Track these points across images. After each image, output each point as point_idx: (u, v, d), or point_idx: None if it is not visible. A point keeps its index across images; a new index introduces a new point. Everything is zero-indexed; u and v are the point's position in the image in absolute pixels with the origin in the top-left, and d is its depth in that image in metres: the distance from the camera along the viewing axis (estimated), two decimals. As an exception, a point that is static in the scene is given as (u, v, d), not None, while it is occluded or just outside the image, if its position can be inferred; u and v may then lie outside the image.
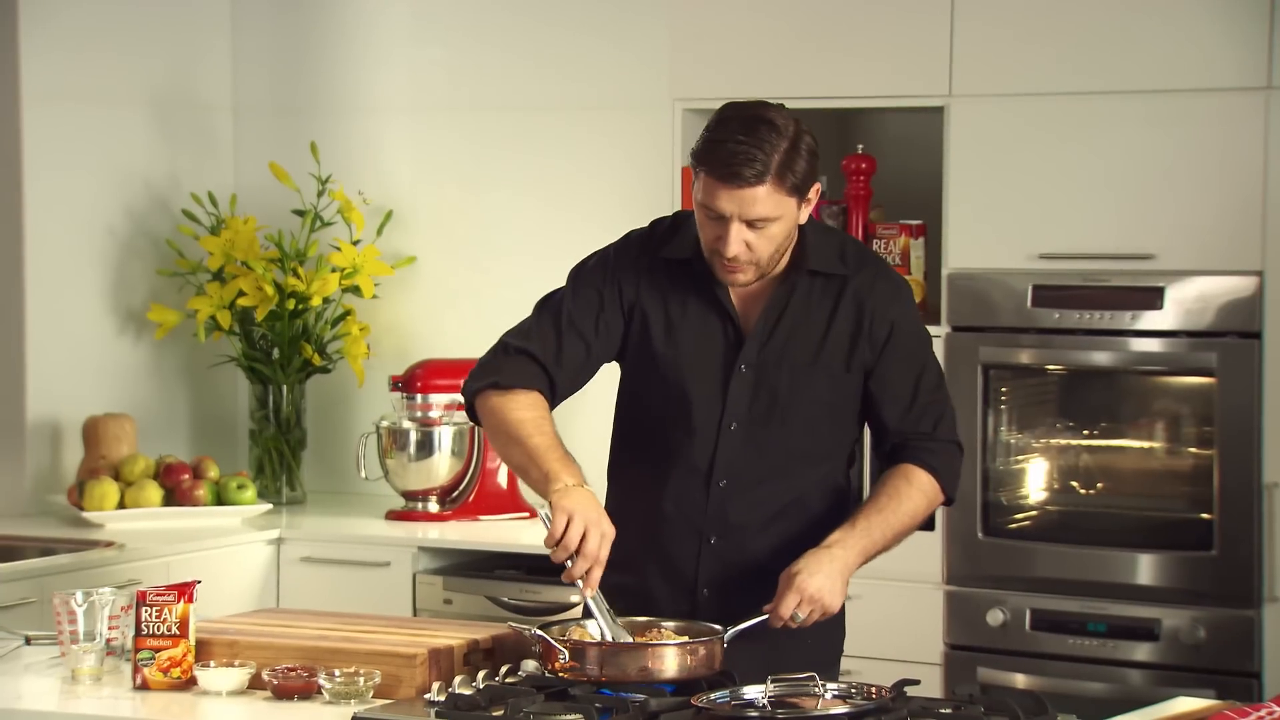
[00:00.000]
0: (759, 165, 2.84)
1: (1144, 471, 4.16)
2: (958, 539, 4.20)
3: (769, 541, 3.00)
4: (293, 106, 5.43)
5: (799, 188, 2.89)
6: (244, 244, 5.12)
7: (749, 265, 2.93)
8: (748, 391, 2.99)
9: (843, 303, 3.00)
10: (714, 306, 3.01)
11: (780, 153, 2.86)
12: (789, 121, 2.90)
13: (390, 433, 4.94)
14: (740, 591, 2.98)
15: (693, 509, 3.01)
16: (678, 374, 3.01)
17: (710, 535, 3.01)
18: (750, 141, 2.85)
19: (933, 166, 4.26)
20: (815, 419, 3.01)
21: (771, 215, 2.88)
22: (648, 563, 3.04)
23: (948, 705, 2.73)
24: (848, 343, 3.00)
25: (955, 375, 4.18)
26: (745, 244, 2.90)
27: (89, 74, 5.13)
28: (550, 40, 5.11)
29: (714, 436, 3.00)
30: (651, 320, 3.03)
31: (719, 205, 2.87)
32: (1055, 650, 4.11)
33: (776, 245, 2.93)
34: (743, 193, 2.85)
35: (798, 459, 3.02)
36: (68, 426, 5.04)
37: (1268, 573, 3.94)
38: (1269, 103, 3.93)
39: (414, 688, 2.84)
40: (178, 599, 2.95)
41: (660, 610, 2.97)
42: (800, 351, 2.99)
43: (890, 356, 3.01)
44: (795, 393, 2.99)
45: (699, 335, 3.01)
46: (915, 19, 4.23)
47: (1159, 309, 4.02)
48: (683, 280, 3.01)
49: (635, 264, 3.04)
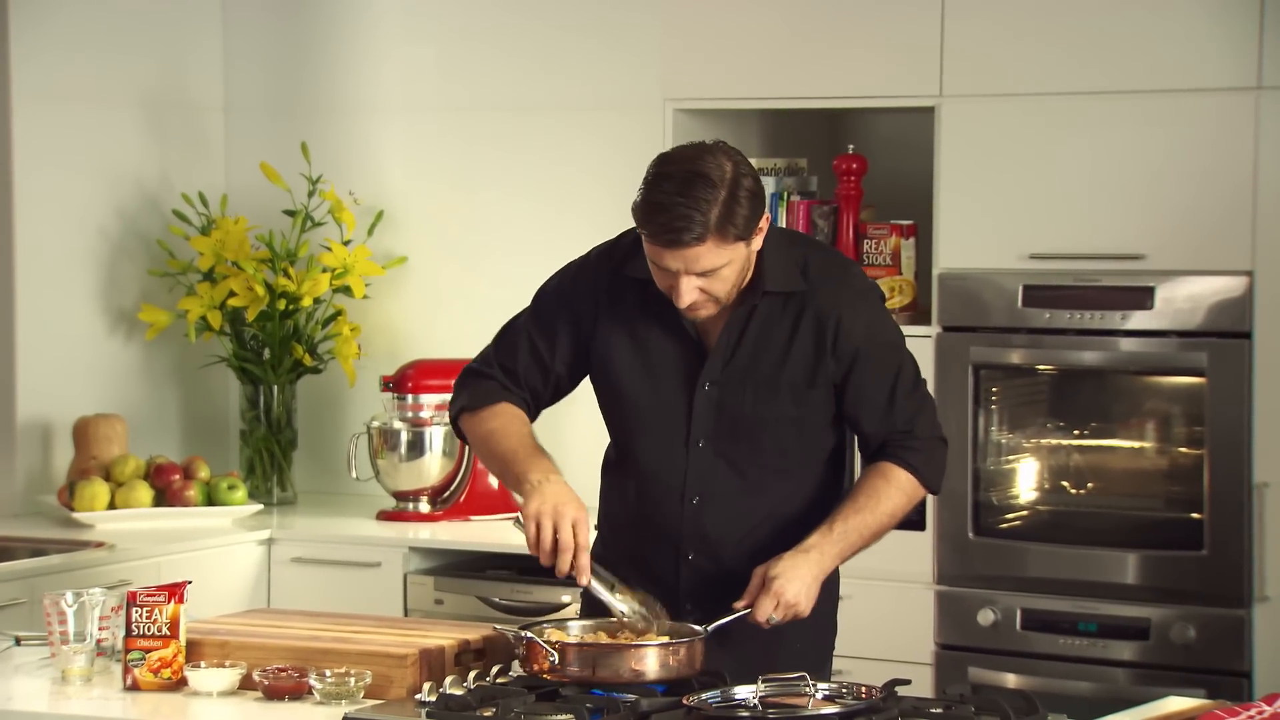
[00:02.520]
0: (698, 227, 2.83)
1: (1134, 471, 4.17)
2: (948, 539, 4.20)
3: (747, 555, 2.99)
4: (283, 106, 5.42)
5: (743, 234, 2.88)
6: (235, 244, 5.12)
7: (708, 303, 2.94)
8: (712, 409, 3.00)
9: (804, 319, 2.99)
10: (675, 326, 3.02)
11: (718, 206, 2.84)
12: (725, 167, 2.87)
13: (381, 433, 4.93)
14: (724, 606, 2.97)
15: (669, 525, 3.03)
16: (643, 393, 3.03)
17: (688, 551, 3.03)
18: (687, 202, 2.84)
19: (924, 167, 4.26)
20: (782, 435, 3.01)
21: (719, 265, 2.88)
22: (633, 574, 3.04)
23: (938, 705, 2.74)
24: (811, 359, 2.99)
25: (946, 375, 4.19)
26: (699, 290, 2.91)
27: (80, 74, 5.12)
28: (542, 40, 5.11)
29: (683, 454, 3.01)
30: (614, 340, 3.04)
31: (665, 264, 2.89)
32: (1046, 650, 4.11)
33: (731, 284, 2.94)
34: (685, 253, 2.86)
35: (769, 473, 3.02)
36: (58, 427, 5.04)
37: (1257, 572, 3.94)
38: (1259, 103, 3.94)
39: (405, 688, 2.84)
40: (168, 599, 2.95)
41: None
42: (763, 369, 2.99)
43: (864, 370, 3.01)
44: (760, 409, 2.99)
45: (662, 354, 3.02)
46: (906, 20, 4.23)
47: (1149, 309, 4.02)
48: (644, 300, 3.02)
49: (594, 285, 3.06)
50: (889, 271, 4.34)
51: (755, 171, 2.93)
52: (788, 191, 4.42)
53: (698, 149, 2.91)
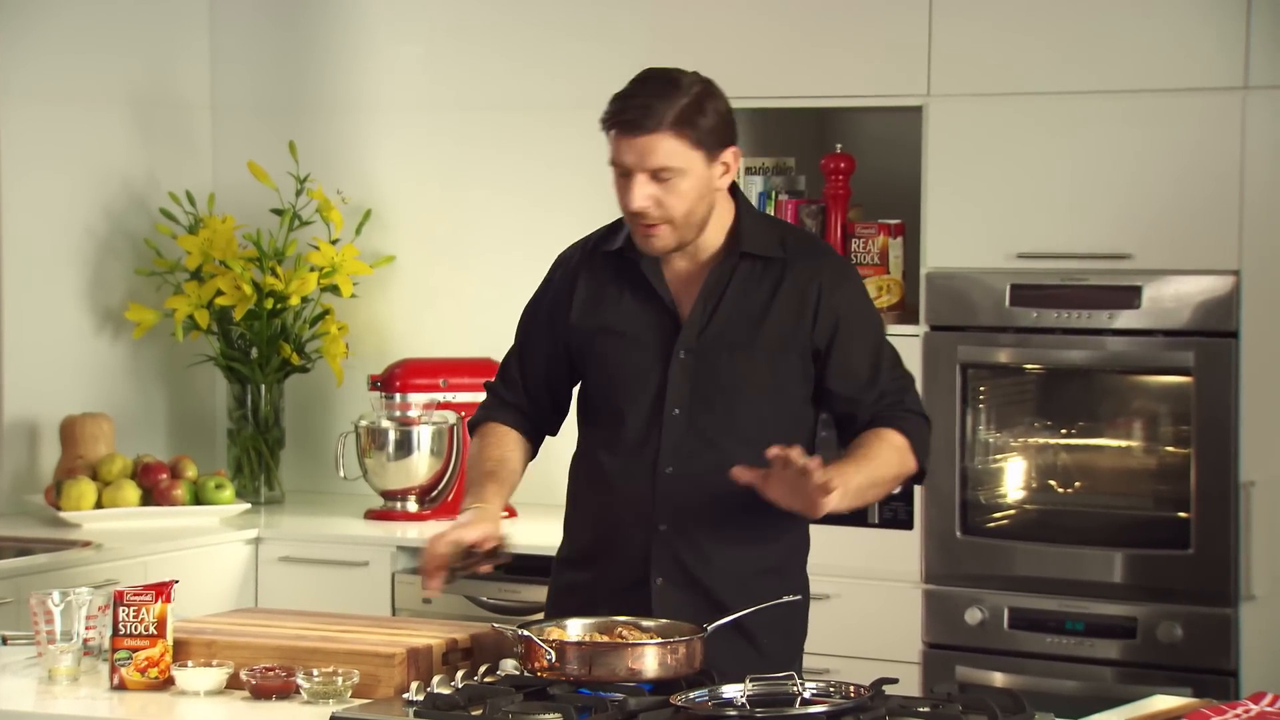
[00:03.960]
0: (655, 114, 2.89)
1: (1121, 470, 4.17)
2: (936, 538, 4.21)
3: (719, 528, 3.00)
4: (271, 105, 5.42)
5: (703, 141, 2.92)
6: (222, 243, 5.11)
7: (662, 224, 2.96)
8: (688, 377, 3.01)
9: (783, 287, 3.01)
10: (650, 295, 3.04)
11: (679, 106, 2.91)
12: (695, 83, 2.96)
13: (369, 432, 4.93)
14: (692, 582, 3.01)
15: (641, 497, 3.03)
16: (618, 364, 3.05)
17: (660, 523, 3.02)
18: (647, 93, 2.93)
19: (911, 166, 4.27)
20: (757, 402, 3.02)
21: (673, 165, 2.92)
22: (603, 556, 3.07)
23: (926, 704, 2.74)
24: (789, 325, 3.01)
25: (934, 374, 4.19)
26: (654, 200, 2.93)
27: (66, 73, 5.11)
28: (530, 40, 5.11)
29: (658, 423, 3.02)
30: (590, 313, 3.08)
31: (621, 157, 2.93)
32: (1033, 649, 4.12)
33: (688, 204, 2.95)
34: (639, 141, 2.91)
35: (743, 444, 3.00)
36: (45, 426, 5.03)
37: (1244, 571, 3.95)
38: (1245, 102, 3.95)
39: (392, 687, 2.84)
40: (155, 599, 2.95)
41: (616, 605, 2.98)
42: (738, 335, 3.01)
43: (846, 339, 3.02)
44: (735, 376, 3.00)
45: (637, 325, 3.05)
46: (894, 19, 4.24)
47: (1136, 308, 4.03)
48: (619, 274, 3.06)
49: (571, 267, 3.12)
50: (877, 271, 4.34)
51: (729, 105, 2.98)
52: (776, 190, 4.42)
53: (673, 68, 3.00)
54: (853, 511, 3.02)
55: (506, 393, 3.18)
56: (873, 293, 4.32)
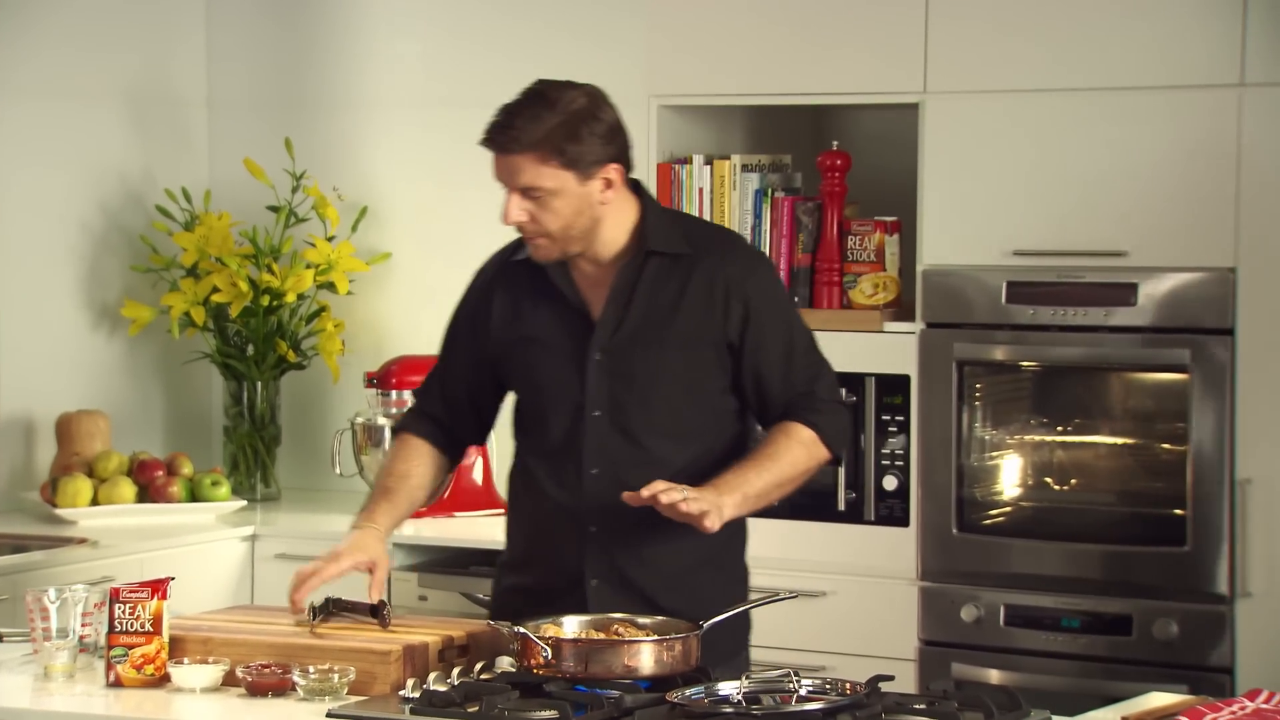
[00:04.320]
0: (519, 137, 2.95)
1: (1118, 467, 4.17)
2: (932, 535, 4.21)
3: (649, 526, 3.01)
4: (267, 102, 5.41)
5: (575, 163, 2.95)
6: (218, 240, 5.11)
7: (539, 237, 3.01)
8: (605, 378, 3.05)
9: (692, 281, 3.05)
10: (562, 301, 3.08)
11: (546, 129, 2.95)
12: (576, 99, 2.98)
13: (365, 429, 4.93)
14: (626, 581, 3.05)
15: (571, 500, 3.07)
16: (539, 371, 3.09)
17: (590, 524, 3.06)
18: (515, 112, 2.98)
19: (908, 163, 4.27)
20: (674, 397, 3.05)
21: (541, 186, 2.96)
22: (538, 559, 3.11)
23: (922, 701, 2.74)
24: (700, 318, 3.04)
25: (930, 372, 4.19)
26: (528, 214, 2.99)
27: (63, 69, 5.11)
28: (527, 37, 5.11)
29: (581, 426, 3.06)
30: (507, 324, 3.12)
31: (497, 172, 3.01)
32: (1029, 645, 4.12)
33: (564, 220, 2.99)
34: (505, 160, 2.98)
35: (664, 440, 3.05)
36: (41, 423, 5.03)
37: (1240, 568, 3.95)
38: (1242, 99, 3.95)
39: (389, 684, 2.84)
40: (151, 596, 2.95)
41: (556, 606, 3.00)
42: (651, 332, 3.05)
43: (758, 328, 3.06)
44: (650, 373, 3.04)
45: (553, 331, 3.09)
46: (890, 16, 4.23)
47: (1132, 305, 4.03)
48: (532, 282, 3.11)
49: (486, 282, 3.17)
50: (873, 268, 4.34)
51: (616, 121, 3.01)
52: (772, 188, 4.42)
53: (563, 82, 3.04)
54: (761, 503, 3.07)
55: (426, 403, 3.24)
56: (869, 290, 4.33)
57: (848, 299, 4.34)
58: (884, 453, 4.25)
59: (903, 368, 4.23)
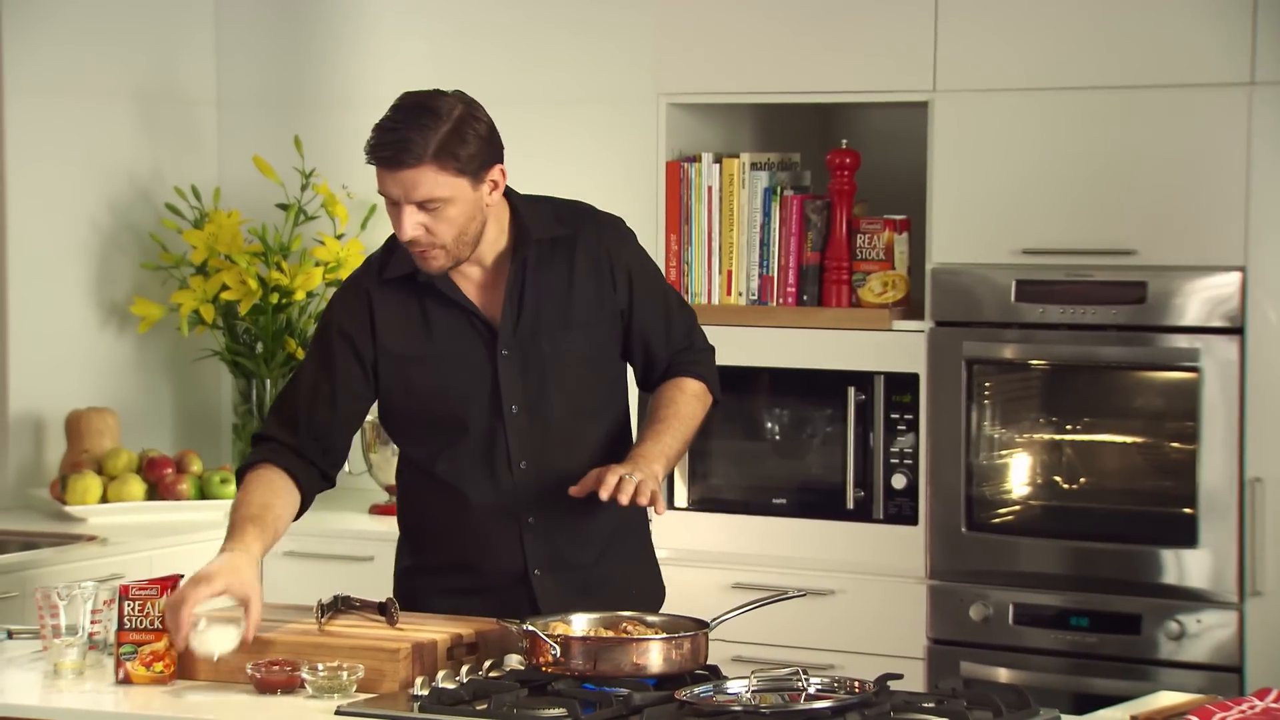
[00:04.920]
0: (415, 150, 2.93)
1: (1127, 466, 4.17)
2: (941, 533, 4.20)
3: (582, 506, 3.06)
4: (276, 100, 5.42)
5: (466, 168, 2.98)
6: (227, 238, 5.12)
7: (435, 249, 3.01)
8: (517, 373, 3.09)
9: (577, 259, 3.11)
10: (454, 309, 3.09)
11: (439, 135, 2.95)
12: (455, 106, 3.01)
13: (374, 427, 4.93)
14: (567, 566, 3.11)
15: (503, 497, 3.10)
16: (446, 382, 3.09)
17: (527, 516, 3.11)
18: (406, 126, 2.95)
19: (917, 161, 4.26)
20: (584, 376, 3.13)
21: (439, 196, 2.97)
22: (474, 559, 3.13)
23: (931, 699, 2.74)
24: (593, 294, 3.12)
25: (939, 370, 4.19)
26: (423, 227, 2.99)
27: (72, 67, 5.12)
28: (535, 34, 5.11)
29: (500, 424, 3.09)
30: (403, 344, 3.10)
31: (387, 190, 2.98)
32: (1038, 644, 4.11)
33: (458, 228, 3.01)
34: (403, 175, 2.95)
35: (581, 420, 3.13)
36: (50, 420, 5.03)
37: (1250, 568, 3.95)
38: (1252, 98, 3.94)
39: (397, 682, 2.84)
40: (160, 593, 2.95)
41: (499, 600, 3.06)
42: (552, 315, 3.10)
43: (640, 292, 3.16)
44: (559, 357, 3.10)
45: (452, 340, 3.09)
46: (899, 14, 4.23)
47: (1142, 304, 4.03)
48: (414, 296, 3.10)
49: (363, 302, 3.12)
50: (882, 266, 4.34)
51: (490, 121, 3.05)
52: (781, 186, 4.42)
53: (434, 91, 3.06)
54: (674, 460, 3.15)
55: (282, 433, 3.12)
56: (878, 288, 4.33)
57: (857, 297, 4.34)
58: (893, 451, 4.24)
59: (912, 366, 4.22)
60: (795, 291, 4.36)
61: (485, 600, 3.09)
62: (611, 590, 3.13)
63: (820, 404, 4.31)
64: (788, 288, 4.37)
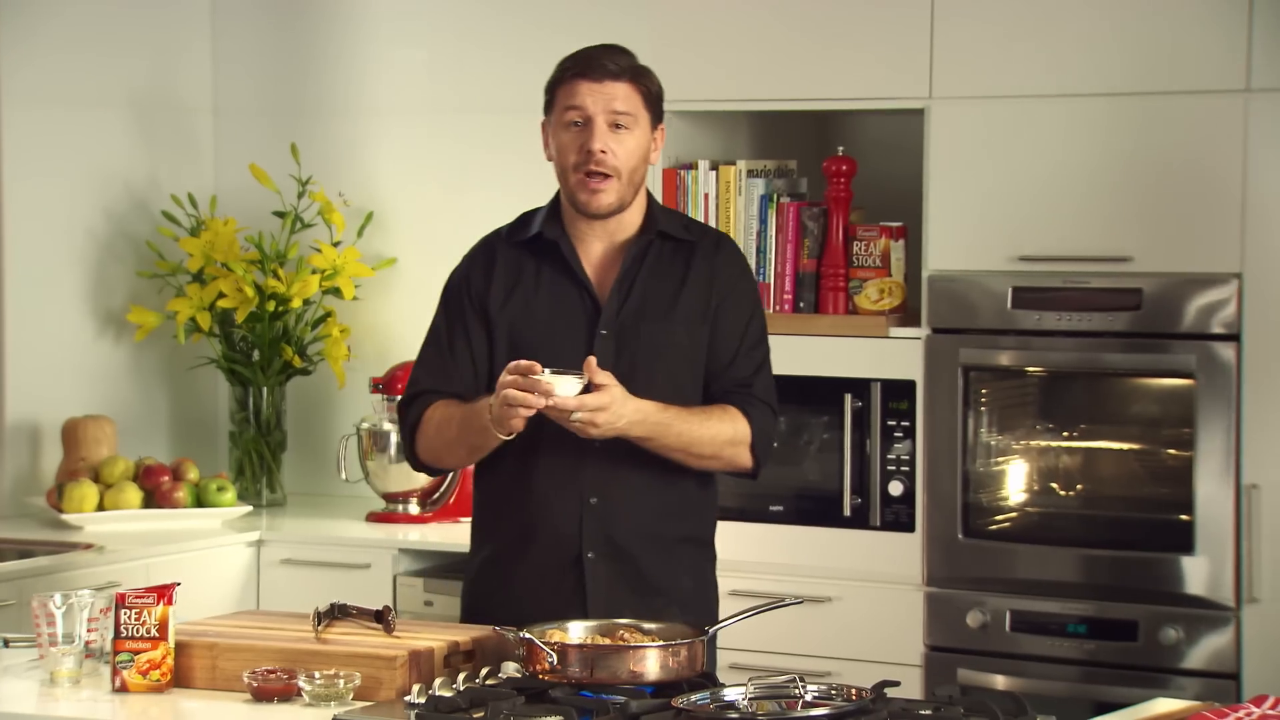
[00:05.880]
0: (620, 62, 3.16)
1: (1124, 473, 4.17)
2: (938, 540, 4.20)
3: (642, 497, 3.13)
4: (273, 108, 5.42)
5: (651, 104, 3.18)
6: (224, 245, 5.12)
7: (612, 179, 3.12)
8: (611, 353, 3.14)
9: (693, 267, 3.20)
10: (568, 278, 3.19)
11: (634, 61, 3.19)
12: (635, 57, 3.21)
13: (371, 434, 4.93)
14: (620, 552, 3.13)
15: (571, 473, 3.13)
16: (543, 347, 3.13)
17: (590, 496, 3.14)
18: (611, 50, 3.20)
19: (913, 168, 4.27)
20: (675, 371, 3.17)
21: (631, 112, 3.13)
22: (530, 541, 3.15)
23: (928, 706, 2.74)
24: (697, 302, 3.18)
25: (935, 377, 4.19)
26: (609, 149, 3.11)
27: (68, 75, 5.12)
28: (532, 42, 5.11)
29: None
30: (514, 304, 3.20)
31: (583, 100, 3.13)
32: (1035, 651, 4.11)
33: (635, 160, 3.15)
34: (605, 87, 3.13)
35: None
36: (47, 428, 5.03)
37: (1246, 574, 3.95)
38: (1247, 105, 3.94)
39: (394, 689, 2.84)
40: (157, 601, 2.95)
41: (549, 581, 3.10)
42: (655, 308, 3.17)
43: (726, 315, 3.21)
44: (655, 347, 3.15)
45: (557, 308, 3.18)
46: (896, 22, 4.24)
47: (1138, 310, 4.03)
48: (534, 262, 3.21)
49: (488, 261, 3.25)
50: (878, 273, 4.34)
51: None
52: (777, 193, 4.42)
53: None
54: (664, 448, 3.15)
55: (446, 384, 3.21)
56: (874, 295, 4.33)
57: (853, 304, 4.35)
58: (889, 458, 4.25)
59: (908, 373, 4.23)
60: (792, 299, 4.37)
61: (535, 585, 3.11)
62: (663, 596, 3.13)
63: (817, 411, 4.31)
64: (784, 295, 4.37)
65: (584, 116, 3.13)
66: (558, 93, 3.17)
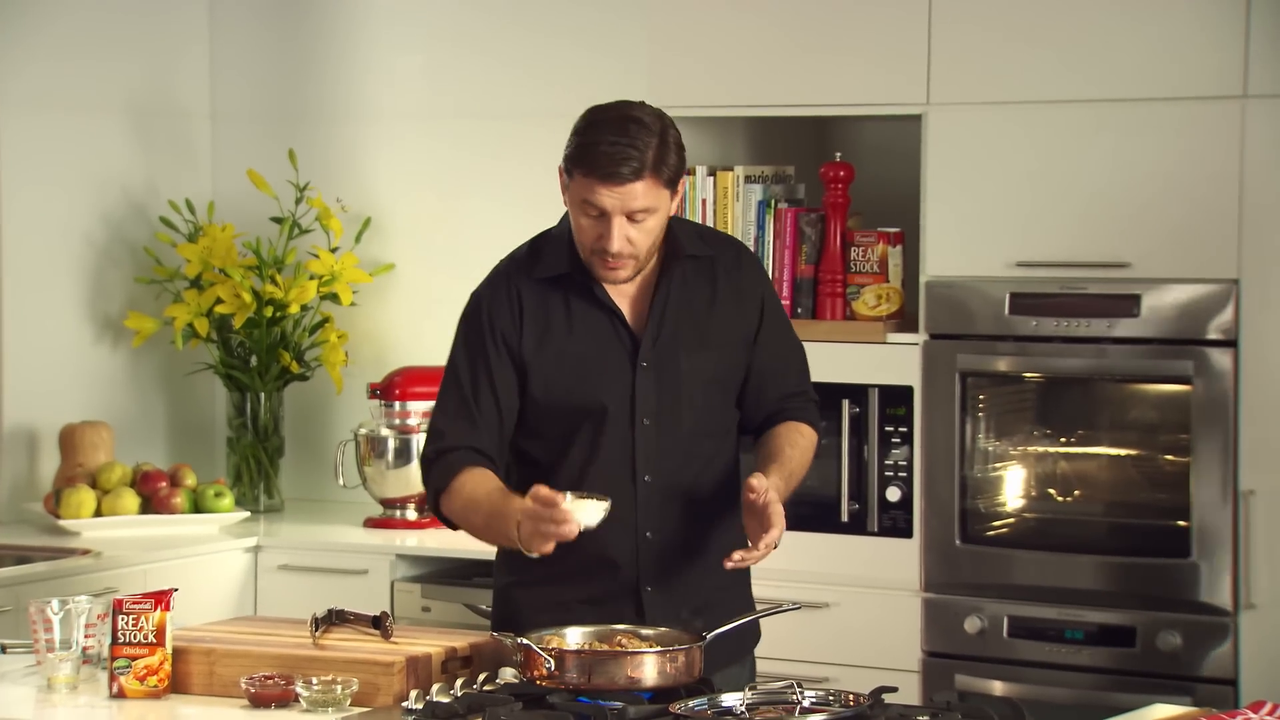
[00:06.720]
0: (635, 162, 2.97)
1: (1121, 479, 4.17)
2: (935, 546, 4.20)
3: (695, 528, 3.09)
4: (271, 113, 5.42)
5: (672, 180, 3.03)
6: (222, 251, 5.12)
7: (630, 260, 3.04)
8: (653, 385, 3.09)
9: (718, 281, 3.14)
10: (601, 312, 3.10)
11: (653, 149, 2.99)
12: (656, 118, 3.04)
13: (368, 440, 4.93)
14: (679, 584, 3.08)
15: (625, 509, 3.04)
16: (584, 387, 3.08)
17: (646, 530, 3.08)
18: (626, 140, 2.98)
19: (911, 174, 4.27)
20: (712, 396, 3.14)
21: (651, 207, 3.00)
22: (589, 574, 3.07)
23: (925, 712, 2.74)
24: (731, 317, 3.14)
25: (933, 383, 4.19)
26: (627, 239, 3.02)
27: (66, 81, 5.12)
28: (530, 48, 5.11)
29: (630, 436, 3.08)
30: (546, 344, 3.09)
31: (601, 202, 2.98)
32: (1032, 657, 4.11)
33: (654, 238, 3.06)
34: (623, 189, 2.97)
35: (706, 439, 3.13)
36: (44, 434, 5.03)
37: (1244, 580, 3.95)
38: (1244, 111, 3.95)
39: (392, 696, 2.84)
40: (154, 607, 2.95)
41: (608, 614, 3.02)
42: (690, 335, 3.11)
43: (770, 324, 3.18)
44: (693, 375, 3.11)
45: (594, 345, 3.09)
46: (893, 27, 4.24)
47: (1135, 317, 4.03)
48: (560, 297, 3.10)
49: (512, 300, 3.10)
50: (876, 279, 4.34)
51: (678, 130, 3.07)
52: (775, 199, 4.42)
53: (626, 102, 3.07)
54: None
55: (472, 438, 3.08)
56: (872, 301, 4.33)
57: (851, 310, 4.35)
58: (887, 464, 4.25)
59: (906, 379, 4.23)
60: (789, 304, 4.37)
61: (590, 614, 3.02)
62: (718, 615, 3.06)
63: (814, 417, 4.30)
64: (782, 300, 4.37)
65: (600, 211, 2.99)
66: (574, 176, 3.01)
